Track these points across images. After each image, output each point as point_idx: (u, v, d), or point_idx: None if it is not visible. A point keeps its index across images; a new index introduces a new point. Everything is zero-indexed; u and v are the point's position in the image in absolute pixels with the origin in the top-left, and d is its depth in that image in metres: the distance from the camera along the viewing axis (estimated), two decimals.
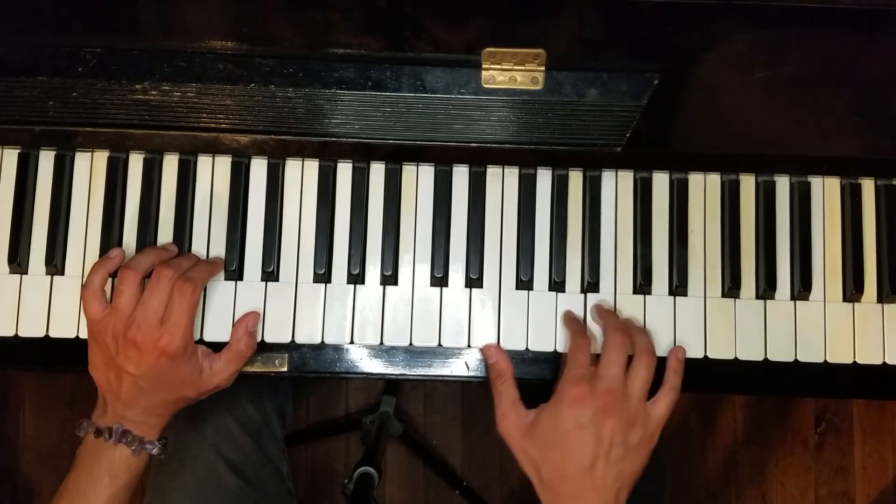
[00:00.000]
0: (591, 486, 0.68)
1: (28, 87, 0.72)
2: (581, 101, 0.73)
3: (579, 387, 0.69)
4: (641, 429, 0.70)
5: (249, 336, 0.74)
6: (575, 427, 0.68)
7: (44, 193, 0.77)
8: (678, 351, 0.75)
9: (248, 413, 0.94)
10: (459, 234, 0.78)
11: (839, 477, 1.61)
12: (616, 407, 0.69)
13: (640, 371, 0.71)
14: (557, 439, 0.69)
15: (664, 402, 0.72)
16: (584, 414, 0.68)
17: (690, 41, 0.71)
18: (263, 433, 0.95)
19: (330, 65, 0.72)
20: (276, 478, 0.95)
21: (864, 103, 0.74)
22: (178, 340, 0.69)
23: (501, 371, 0.74)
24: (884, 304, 0.79)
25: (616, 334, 0.72)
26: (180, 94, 0.72)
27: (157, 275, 0.70)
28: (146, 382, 0.70)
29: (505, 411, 0.72)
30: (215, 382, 0.73)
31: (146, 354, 0.69)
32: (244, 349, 0.74)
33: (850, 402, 1.61)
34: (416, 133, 0.74)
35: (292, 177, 0.79)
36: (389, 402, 1.37)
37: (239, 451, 0.92)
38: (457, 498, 1.54)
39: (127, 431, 0.70)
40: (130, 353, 0.69)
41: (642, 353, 0.72)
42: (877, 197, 0.80)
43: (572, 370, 0.71)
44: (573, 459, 0.68)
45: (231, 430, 0.92)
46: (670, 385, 0.73)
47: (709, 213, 0.79)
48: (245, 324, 0.75)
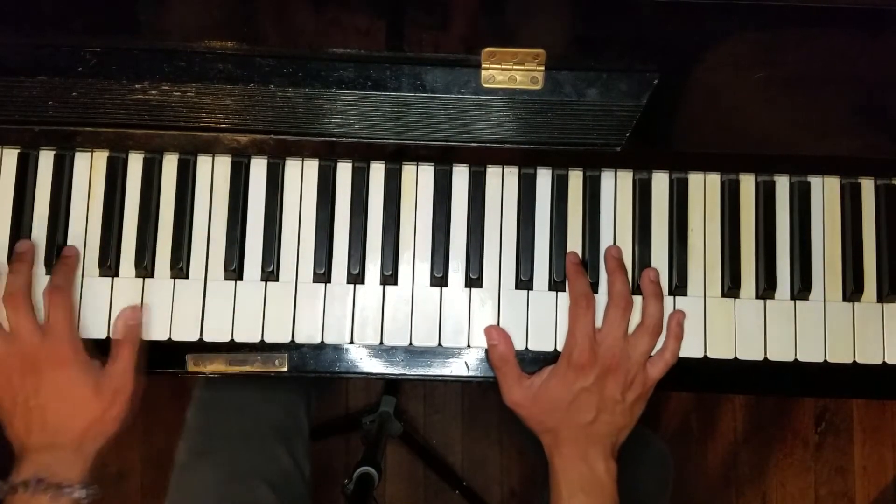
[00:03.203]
0: (592, 434, 0.74)
1: (28, 87, 0.72)
2: (581, 101, 0.73)
3: (584, 354, 0.73)
4: (640, 387, 0.75)
5: (128, 328, 0.74)
6: (580, 391, 0.73)
7: (43, 193, 0.77)
8: (679, 315, 0.77)
9: (278, 416, 0.94)
10: (459, 234, 0.78)
11: (839, 477, 1.61)
12: (617, 369, 0.74)
13: (643, 339, 0.75)
14: (563, 401, 0.74)
15: (661, 365, 0.75)
16: (588, 378, 0.73)
17: (690, 41, 0.70)
18: (293, 435, 0.95)
19: (330, 65, 0.72)
20: (300, 482, 0.94)
21: (864, 103, 0.74)
22: (66, 346, 0.70)
23: (503, 355, 0.76)
24: (884, 304, 0.79)
25: (620, 303, 0.75)
26: (180, 93, 0.72)
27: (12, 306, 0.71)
28: (53, 412, 0.70)
29: (510, 386, 0.76)
30: (113, 384, 0.72)
31: (42, 373, 0.70)
32: (123, 340, 0.73)
33: (850, 402, 1.61)
34: (416, 133, 0.74)
35: (292, 176, 0.79)
36: (389, 402, 1.37)
37: (265, 454, 0.91)
38: (457, 498, 1.54)
39: (42, 480, 0.69)
40: (29, 384, 0.70)
41: (650, 325, 0.75)
42: (877, 197, 0.80)
43: (576, 337, 0.74)
44: (577, 416, 0.74)
45: (258, 435, 0.92)
46: (670, 350, 0.76)
47: (708, 212, 0.79)
48: (124, 317, 0.74)
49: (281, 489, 0.91)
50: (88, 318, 0.76)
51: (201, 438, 0.92)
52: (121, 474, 1.58)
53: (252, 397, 0.94)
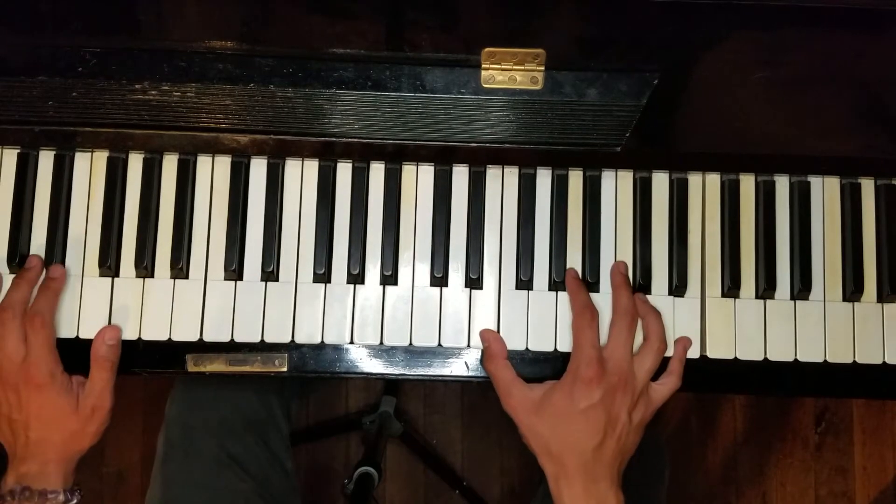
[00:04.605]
0: (599, 461, 0.72)
1: (28, 87, 0.72)
2: (581, 101, 0.73)
3: (592, 367, 0.72)
4: (644, 409, 0.74)
5: (107, 347, 0.74)
6: (588, 406, 0.71)
7: (43, 193, 0.77)
8: (685, 341, 0.77)
9: (253, 409, 0.96)
10: (459, 234, 0.78)
11: (839, 477, 1.61)
12: (625, 386, 0.72)
13: (648, 356, 0.74)
14: (569, 417, 0.71)
15: (666, 388, 0.75)
16: (596, 394, 0.71)
17: (690, 41, 0.70)
18: (269, 429, 0.96)
19: (330, 65, 0.72)
20: (280, 474, 0.95)
21: (864, 103, 0.74)
22: (44, 371, 0.71)
23: (492, 353, 0.75)
24: (884, 304, 0.79)
25: (625, 317, 0.74)
26: (180, 94, 0.72)
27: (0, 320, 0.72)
28: (35, 429, 0.72)
29: (508, 389, 0.74)
30: (91, 402, 0.73)
31: (22, 393, 0.71)
32: (102, 359, 0.74)
33: (850, 402, 1.61)
34: (416, 133, 0.74)
35: (292, 176, 0.79)
36: (389, 402, 1.37)
37: (243, 445, 0.93)
38: (457, 498, 1.54)
39: (26, 488, 0.71)
40: (12, 399, 0.72)
41: (654, 341, 0.75)
42: (877, 197, 0.80)
43: (584, 350, 0.73)
44: (585, 436, 0.71)
45: (236, 426, 0.93)
46: (675, 373, 0.75)
47: (708, 212, 0.79)
48: (102, 337, 0.74)
49: (260, 479, 0.92)
50: (88, 319, 0.76)
51: (180, 431, 0.93)
52: (121, 474, 1.58)
53: (228, 389, 0.95)
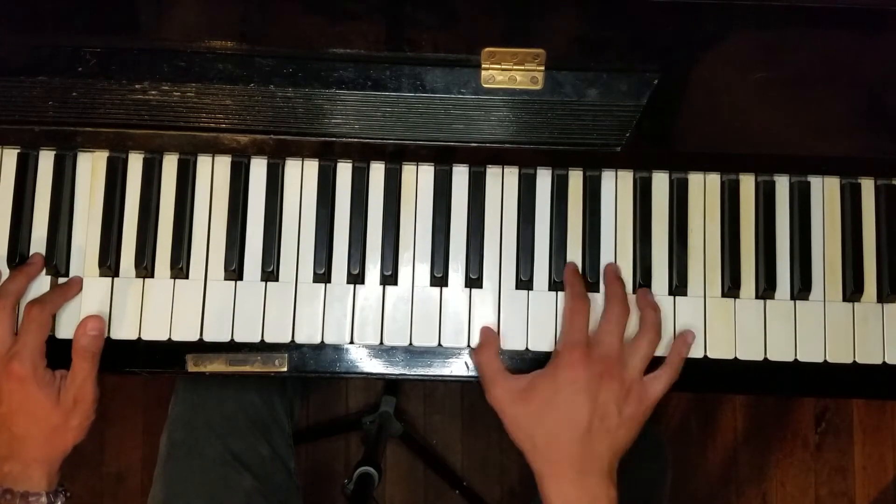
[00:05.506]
0: (587, 453, 0.69)
1: (28, 87, 0.72)
2: (581, 101, 0.73)
3: (576, 351, 0.70)
4: (636, 402, 0.70)
5: (90, 338, 0.73)
6: (571, 391, 0.69)
7: (44, 193, 0.77)
8: (687, 335, 0.76)
9: (256, 407, 0.95)
10: (459, 234, 0.78)
11: (839, 477, 1.61)
12: (613, 374, 0.70)
13: (642, 344, 0.72)
14: (553, 403, 0.69)
15: (663, 381, 0.72)
16: (580, 377, 0.69)
17: (690, 41, 0.70)
18: (271, 427, 0.96)
19: (330, 65, 0.72)
20: (283, 472, 0.95)
21: (864, 103, 0.74)
22: (26, 363, 0.70)
23: (482, 342, 0.75)
24: (884, 304, 0.79)
25: (617, 305, 0.73)
26: (180, 94, 0.72)
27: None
28: (17, 423, 0.71)
29: (492, 379, 0.73)
30: (72, 393, 0.72)
31: (3, 387, 0.70)
32: (84, 350, 0.73)
33: (850, 402, 1.61)
34: (416, 133, 0.74)
35: (292, 176, 0.79)
36: (389, 402, 1.37)
37: (246, 444, 0.92)
38: (457, 498, 1.54)
39: (8, 490, 0.70)
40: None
41: (648, 329, 0.73)
42: (877, 197, 0.80)
43: (570, 334, 0.72)
44: (569, 424, 0.69)
45: (239, 425, 0.93)
46: (673, 366, 0.73)
47: (708, 212, 0.79)
48: (84, 327, 0.73)
49: (263, 478, 0.92)
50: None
51: (183, 430, 0.93)
52: (121, 474, 1.58)
53: (232, 389, 0.95)
